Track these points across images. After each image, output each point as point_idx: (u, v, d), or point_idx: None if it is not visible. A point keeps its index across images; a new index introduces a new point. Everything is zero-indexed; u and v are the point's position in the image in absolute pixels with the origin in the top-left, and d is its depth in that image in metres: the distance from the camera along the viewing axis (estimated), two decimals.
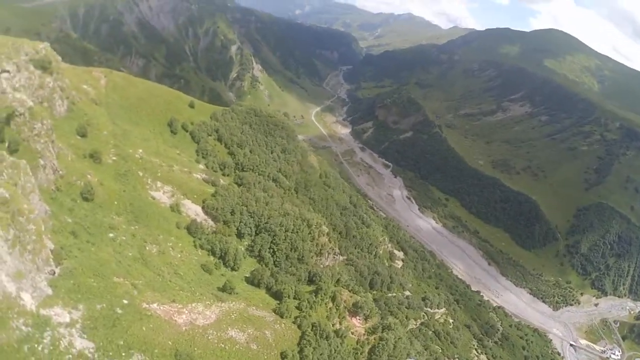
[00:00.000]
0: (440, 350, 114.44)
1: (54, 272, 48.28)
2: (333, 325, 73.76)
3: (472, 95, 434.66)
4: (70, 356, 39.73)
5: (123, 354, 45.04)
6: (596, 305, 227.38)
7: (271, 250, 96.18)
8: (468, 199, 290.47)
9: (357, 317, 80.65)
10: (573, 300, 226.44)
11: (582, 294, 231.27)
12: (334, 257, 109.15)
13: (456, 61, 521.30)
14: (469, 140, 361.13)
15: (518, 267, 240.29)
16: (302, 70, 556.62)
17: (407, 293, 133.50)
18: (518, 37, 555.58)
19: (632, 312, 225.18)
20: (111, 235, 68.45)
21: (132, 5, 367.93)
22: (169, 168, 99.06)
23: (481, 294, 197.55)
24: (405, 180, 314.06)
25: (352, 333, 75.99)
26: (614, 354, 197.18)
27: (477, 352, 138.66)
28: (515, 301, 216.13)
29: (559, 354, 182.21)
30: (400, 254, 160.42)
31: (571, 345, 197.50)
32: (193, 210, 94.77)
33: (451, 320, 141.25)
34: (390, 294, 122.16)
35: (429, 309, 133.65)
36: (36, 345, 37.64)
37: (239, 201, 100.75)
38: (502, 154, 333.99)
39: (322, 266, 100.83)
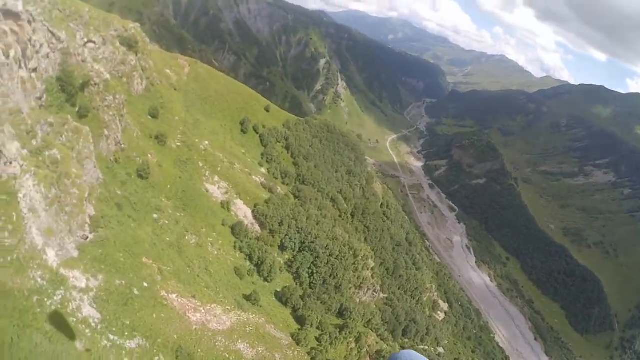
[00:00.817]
0: None
1: (87, 238, 50.62)
2: None
3: (554, 152, 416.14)
4: (75, 319, 40.68)
5: (126, 333, 45.46)
6: None
7: (310, 271, 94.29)
8: (530, 263, 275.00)
9: None
10: None
11: None
12: (374, 294, 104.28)
13: (544, 113, 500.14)
14: (543, 200, 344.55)
15: (565, 350, 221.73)
16: (385, 95, 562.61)
17: (441, 350, 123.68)
18: (612, 98, 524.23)
19: None
20: (155, 216, 71.16)
21: (233, 5, 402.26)
22: (230, 165, 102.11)
23: None
24: (468, 228, 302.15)
25: None
26: None
27: None
28: None
29: None
30: (444, 306, 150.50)
31: None
32: (243, 211, 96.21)
33: None
34: (421, 347, 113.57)
35: None
36: (45, 300, 39.06)
37: (290, 213, 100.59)
38: (575, 222, 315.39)
39: (358, 300, 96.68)
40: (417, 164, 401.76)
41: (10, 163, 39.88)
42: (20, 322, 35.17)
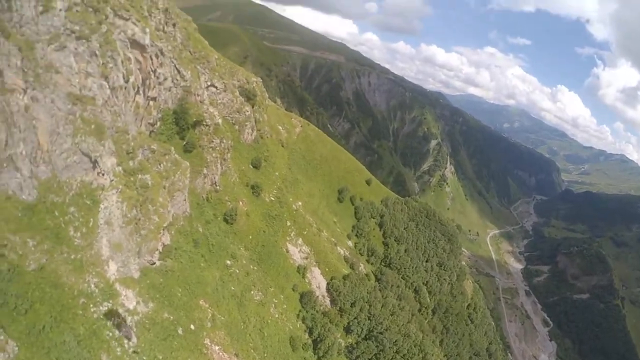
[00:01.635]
0: None
1: (153, 263, 53.72)
2: None
3: None
4: (110, 334, 42.22)
5: None
6: None
7: None
8: None
9: None
10: None
11: None
12: None
13: None
14: None
15: None
16: (492, 185, 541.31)
17: None
18: None
19: None
20: (228, 262, 73.27)
21: (354, 76, 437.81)
22: (317, 231, 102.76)
23: None
24: (559, 349, 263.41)
25: None
26: None
27: None
28: None
29: None
30: None
31: None
32: (317, 281, 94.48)
33: None
34: None
35: None
36: (90, 306, 41.90)
37: (366, 296, 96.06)
38: None
39: None
40: (516, 266, 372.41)
41: (103, 175, 45.10)
42: (58, 315, 37.79)
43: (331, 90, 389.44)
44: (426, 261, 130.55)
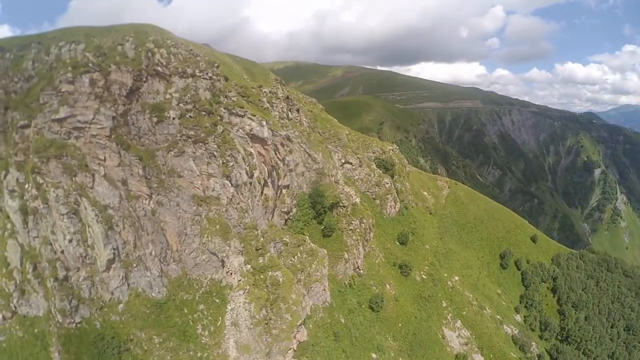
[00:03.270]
0: None
1: None
2: None
3: None
4: None
5: None
6: None
7: None
8: None
9: None
10: None
11: None
12: None
13: None
14: None
15: None
16: None
17: None
18: None
19: None
20: (374, 356, 66.65)
21: (495, 118, 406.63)
22: (479, 309, 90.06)
23: None
24: None
25: None
26: None
27: None
28: None
29: None
30: None
31: None
32: None
33: None
34: None
35: None
36: None
37: None
38: None
39: None
40: None
41: (231, 274, 44.75)
42: None
43: (474, 138, 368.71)
44: (611, 327, 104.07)
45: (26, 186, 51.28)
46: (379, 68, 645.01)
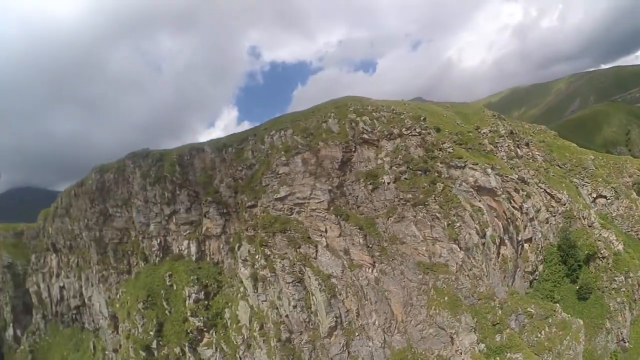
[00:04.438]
0: None
1: None
2: None
3: None
4: None
5: None
6: None
7: None
8: None
9: None
10: None
11: None
12: None
13: None
14: None
15: None
16: None
17: None
18: None
19: None
20: None
21: None
22: None
23: None
24: None
25: None
26: None
27: None
28: None
29: None
30: None
31: None
32: None
33: None
34: None
35: None
36: None
37: None
38: None
39: None
40: None
41: (460, 354, 39.65)
42: None
43: None
44: None
45: (256, 257, 59.09)
46: (602, 67, 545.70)
